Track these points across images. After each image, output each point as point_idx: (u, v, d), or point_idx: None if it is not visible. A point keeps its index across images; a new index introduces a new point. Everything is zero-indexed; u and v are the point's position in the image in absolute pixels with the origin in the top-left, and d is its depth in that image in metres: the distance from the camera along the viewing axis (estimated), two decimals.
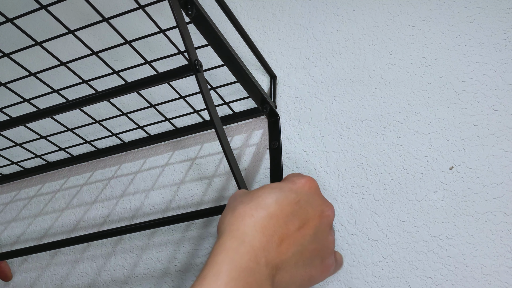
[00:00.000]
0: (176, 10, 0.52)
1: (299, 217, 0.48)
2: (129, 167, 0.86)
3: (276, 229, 0.46)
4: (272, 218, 0.46)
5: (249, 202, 0.47)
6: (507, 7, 0.67)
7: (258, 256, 0.43)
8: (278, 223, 0.46)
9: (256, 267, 0.43)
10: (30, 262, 0.88)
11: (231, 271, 0.41)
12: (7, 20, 0.59)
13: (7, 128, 0.62)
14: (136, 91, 0.60)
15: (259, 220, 0.45)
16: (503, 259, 0.58)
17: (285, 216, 0.47)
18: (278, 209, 0.47)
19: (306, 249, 0.48)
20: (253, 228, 0.45)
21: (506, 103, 0.63)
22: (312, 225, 0.49)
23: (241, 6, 0.85)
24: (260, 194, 0.48)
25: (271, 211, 0.46)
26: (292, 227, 0.47)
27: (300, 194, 0.49)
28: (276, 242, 0.46)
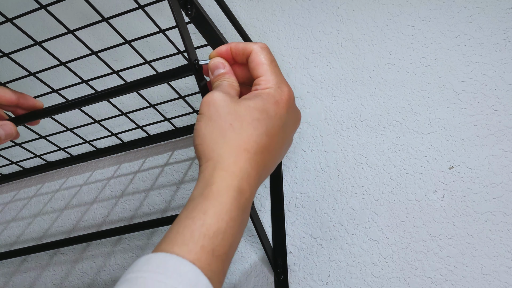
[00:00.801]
0: (176, 10, 0.52)
1: (281, 140, 0.50)
2: (128, 167, 0.86)
3: (265, 162, 0.47)
4: (263, 152, 0.47)
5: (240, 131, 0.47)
6: (507, 7, 0.67)
7: (252, 193, 0.46)
8: (267, 155, 0.48)
9: (248, 204, 0.45)
10: (29, 262, 0.88)
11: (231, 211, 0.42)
12: (6, 20, 0.59)
13: None
14: (135, 91, 0.60)
15: (253, 156, 0.46)
16: (503, 259, 0.58)
17: (272, 146, 0.48)
18: (268, 141, 0.48)
19: (279, 159, 0.52)
20: (249, 166, 0.45)
21: (506, 103, 0.63)
22: (287, 139, 0.52)
23: (241, 6, 0.85)
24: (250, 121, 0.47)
25: (262, 144, 0.47)
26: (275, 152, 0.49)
27: (283, 117, 0.50)
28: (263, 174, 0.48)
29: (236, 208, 0.43)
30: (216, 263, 0.40)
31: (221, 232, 0.41)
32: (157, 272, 0.37)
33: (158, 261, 0.38)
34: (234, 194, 0.43)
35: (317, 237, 0.67)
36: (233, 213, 0.43)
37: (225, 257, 0.41)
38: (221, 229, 0.41)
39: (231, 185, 0.43)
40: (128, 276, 0.38)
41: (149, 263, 0.38)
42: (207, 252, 0.40)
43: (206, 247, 0.40)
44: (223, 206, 0.42)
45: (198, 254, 0.40)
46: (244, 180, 0.44)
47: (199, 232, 0.41)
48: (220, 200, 0.42)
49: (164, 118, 0.78)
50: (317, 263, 0.66)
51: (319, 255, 0.67)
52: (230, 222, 0.42)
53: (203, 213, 0.42)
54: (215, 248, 0.41)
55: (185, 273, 0.38)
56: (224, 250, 0.41)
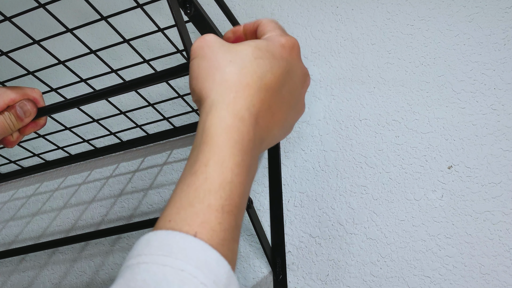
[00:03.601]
0: (175, 8, 0.52)
1: (288, 87, 0.45)
2: (127, 166, 0.86)
3: (271, 103, 0.43)
4: (267, 90, 0.42)
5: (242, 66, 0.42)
6: (506, 6, 0.67)
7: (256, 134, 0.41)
8: (272, 95, 0.43)
9: (252, 147, 0.40)
10: (28, 261, 0.88)
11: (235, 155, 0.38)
12: (5, 18, 0.59)
13: None
14: (134, 90, 0.60)
15: (256, 92, 0.41)
16: (502, 258, 0.58)
17: (278, 88, 0.44)
18: (273, 80, 0.43)
19: (287, 121, 0.47)
20: (250, 103, 0.41)
21: (505, 103, 0.63)
22: (296, 92, 0.47)
23: (240, 5, 0.85)
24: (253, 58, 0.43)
25: (266, 81, 0.42)
26: (281, 99, 0.44)
27: (290, 62, 0.46)
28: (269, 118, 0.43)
29: (239, 151, 0.38)
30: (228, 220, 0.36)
31: (227, 183, 0.37)
32: (160, 255, 0.33)
33: (159, 241, 0.34)
34: (235, 136, 0.38)
35: (316, 236, 0.67)
36: (237, 157, 0.38)
37: (237, 210, 0.37)
38: (227, 179, 0.37)
39: (231, 126, 0.39)
40: (129, 263, 0.34)
41: (150, 245, 0.34)
42: (216, 210, 0.36)
43: (214, 204, 0.36)
44: (224, 151, 0.38)
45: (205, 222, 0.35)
46: (246, 119, 0.40)
47: (203, 188, 0.36)
48: (220, 146, 0.38)
49: (163, 117, 0.78)
50: (316, 262, 0.66)
51: (318, 255, 0.67)
52: (235, 169, 0.37)
53: (204, 165, 0.37)
54: (224, 203, 0.36)
55: (192, 252, 0.33)
56: (234, 203, 0.37)
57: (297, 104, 0.48)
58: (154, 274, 0.32)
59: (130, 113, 0.85)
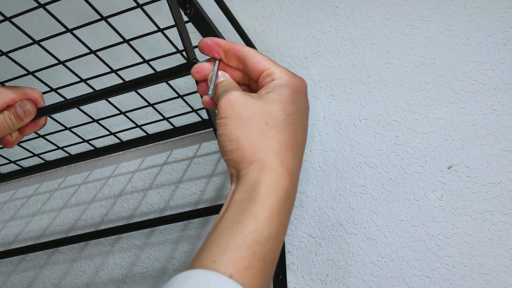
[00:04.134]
0: (175, 9, 0.52)
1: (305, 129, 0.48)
2: (127, 166, 0.86)
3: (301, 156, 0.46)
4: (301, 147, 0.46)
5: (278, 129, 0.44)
6: (506, 7, 0.67)
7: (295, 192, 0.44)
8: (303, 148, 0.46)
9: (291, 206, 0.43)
10: (28, 261, 0.88)
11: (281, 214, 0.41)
12: (5, 18, 0.59)
13: None
14: (134, 90, 0.60)
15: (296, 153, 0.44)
16: (501, 258, 0.58)
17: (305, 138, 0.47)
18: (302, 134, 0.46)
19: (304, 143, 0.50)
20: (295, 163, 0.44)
21: (505, 103, 0.63)
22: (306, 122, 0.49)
23: (240, 5, 0.85)
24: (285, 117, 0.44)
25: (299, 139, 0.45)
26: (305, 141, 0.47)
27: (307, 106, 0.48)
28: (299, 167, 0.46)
29: (284, 211, 0.41)
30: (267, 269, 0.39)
31: (272, 238, 0.39)
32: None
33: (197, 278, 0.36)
34: (283, 196, 0.41)
35: (316, 237, 0.67)
36: (282, 217, 0.41)
37: (274, 262, 0.40)
38: (272, 234, 0.40)
39: (279, 187, 0.41)
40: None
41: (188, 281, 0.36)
42: (259, 259, 0.38)
43: (259, 254, 0.38)
44: (273, 210, 0.40)
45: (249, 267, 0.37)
46: (291, 180, 0.42)
47: (251, 237, 0.38)
48: (270, 204, 0.40)
49: (162, 117, 0.78)
50: (315, 262, 0.66)
51: (318, 255, 0.67)
52: (280, 226, 0.40)
53: (254, 217, 0.39)
54: (267, 254, 0.39)
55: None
56: (274, 256, 0.40)
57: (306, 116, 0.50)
58: None
59: (130, 113, 0.85)
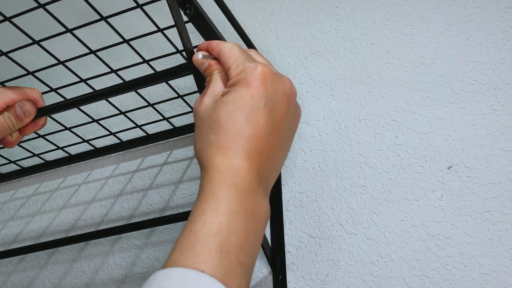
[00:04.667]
0: (174, 9, 0.52)
1: (272, 120, 0.47)
2: (127, 166, 0.86)
3: (259, 148, 0.46)
4: (249, 141, 0.45)
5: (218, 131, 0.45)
6: (506, 7, 0.67)
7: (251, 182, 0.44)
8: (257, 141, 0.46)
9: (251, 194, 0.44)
10: (27, 261, 0.88)
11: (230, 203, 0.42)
12: (5, 18, 0.59)
13: None
14: (134, 90, 0.60)
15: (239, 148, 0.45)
16: (501, 258, 0.58)
17: (262, 130, 0.46)
18: (252, 129, 0.45)
19: (285, 141, 0.49)
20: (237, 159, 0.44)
21: (505, 103, 0.63)
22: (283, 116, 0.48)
23: (240, 5, 0.85)
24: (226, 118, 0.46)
25: (247, 134, 0.45)
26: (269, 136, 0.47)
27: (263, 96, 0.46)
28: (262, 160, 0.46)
29: (234, 199, 0.42)
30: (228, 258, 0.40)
31: (224, 227, 0.41)
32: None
33: (178, 276, 0.38)
34: (228, 189, 0.43)
35: (316, 237, 0.68)
36: (232, 205, 0.42)
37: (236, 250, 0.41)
38: (223, 224, 0.41)
39: (222, 182, 0.43)
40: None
41: (169, 279, 0.38)
42: (214, 251, 0.40)
43: (212, 246, 0.40)
44: (219, 202, 0.42)
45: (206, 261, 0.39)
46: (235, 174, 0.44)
47: (202, 232, 0.40)
48: (214, 198, 0.42)
49: (162, 117, 0.78)
50: (315, 262, 0.66)
51: (318, 255, 0.67)
52: (231, 215, 0.42)
53: (202, 213, 0.42)
54: (222, 245, 0.40)
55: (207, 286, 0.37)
56: (234, 244, 0.41)
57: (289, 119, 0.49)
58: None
59: (130, 113, 0.85)
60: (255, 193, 0.44)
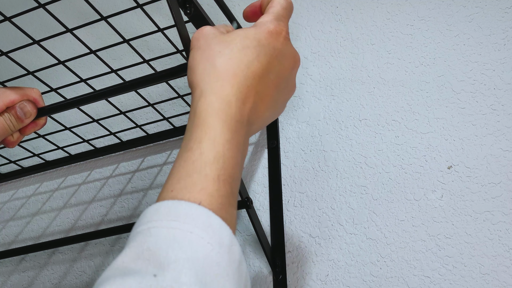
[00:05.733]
0: (174, 8, 0.52)
1: (275, 73, 0.48)
2: (127, 166, 0.86)
3: (257, 90, 0.46)
4: (254, 78, 0.46)
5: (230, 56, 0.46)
6: (506, 7, 0.67)
7: (243, 116, 0.44)
8: (259, 82, 0.46)
9: (241, 127, 0.44)
10: (28, 261, 0.88)
11: (225, 133, 0.42)
12: (5, 18, 0.59)
13: None
14: (134, 90, 0.60)
15: (243, 80, 0.45)
16: (501, 258, 0.58)
17: (265, 74, 0.47)
18: (259, 67, 0.46)
19: (277, 102, 0.50)
20: (237, 89, 0.44)
21: (505, 103, 0.63)
22: (285, 76, 0.49)
23: (240, 5, 0.85)
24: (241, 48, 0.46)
25: (253, 69, 0.46)
26: (269, 84, 0.48)
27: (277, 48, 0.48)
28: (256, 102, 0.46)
29: (228, 130, 0.42)
30: (224, 187, 0.40)
31: (220, 156, 0.41)
32: (169, 220, 0.37)
33: (167, 209, 0.38)
34: (223, 117, 0.43)
35: (316, 237, 0.67)
36: (226, 135, 0.42)
37: (231, 179, 0.41)
38: (220, 153, 0.41)
39: (219, 109, 0.43)
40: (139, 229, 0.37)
41: (158, 213, 0.37)
42: (212, 179, 0.40)
43: (210, 174, 0.40)
44: (215, 130, 0.42)
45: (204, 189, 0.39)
46: (232, 103, 0.44)
47: (200, 161, 0.40)
48: (210, 126, 0.42)
49: (162, 117, 0.78)
50: (315, 262, 0.66)
51: (318, 255, 0.67)
52: (226, 144, 0.42)
53: (199, 141, 0.41)
54: (220, 173, 0.40)
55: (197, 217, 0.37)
56: (228, 173, 0.41)
57: (287, 85, 0.51)
58: (165, 236, 0.35)
59: (130, 113, 0.85)
60: (243, 128, 0.45)
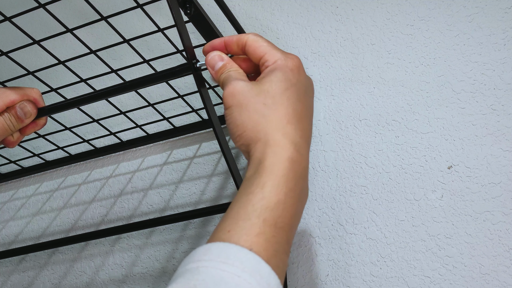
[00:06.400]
0: (175, 8, 0.52)
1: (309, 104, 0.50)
2: (127, 166, 0.86)
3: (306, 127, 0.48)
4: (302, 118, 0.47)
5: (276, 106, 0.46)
6: (506, 7, 0.67)
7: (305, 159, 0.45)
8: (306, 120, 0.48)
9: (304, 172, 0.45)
10: (28, 261, 0.88)
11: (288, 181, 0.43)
12: (5, 18, 0.59)
13: None
14: (134, 90, 0.60)
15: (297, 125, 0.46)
16: (502, 258, 0.58)
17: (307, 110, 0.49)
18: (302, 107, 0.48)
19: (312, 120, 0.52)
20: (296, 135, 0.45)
21: (505, 103, 0.63)
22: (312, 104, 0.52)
23: (240, 5, 0.85)
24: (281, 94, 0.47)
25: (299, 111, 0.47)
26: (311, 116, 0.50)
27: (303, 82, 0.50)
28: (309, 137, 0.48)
29: (293, 177, 0.43)
30: (280, 234, 0.40)
31: (281, 203, 0.41)
32: (219, 261, 0.37)
33: (218, 250, 0.38)
34: (288, 165, 0.43)
35: (316, 236, 0.68)
36: (290, 183, 0.42)
37: (288, 228, 0.41)
38: (281, 200, 0.41)
39: (284, 157, 0.43)
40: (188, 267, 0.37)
41: (209, 253, 0.38)
42: (270, 225, 0.40)
43: (269, 220, 0.40)
44: (280, 178, 0.42)
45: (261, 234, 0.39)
46: (295, 150, 0.44)
47: (260, 205, 0.41)
48: (275, 173, 0.42)
49: (162, 117, 0.78)
50: (315, 262, 0.66)
51: (318, 254, 0.67)
52: (289, 192, 0.42)
53: (261, 187, 0.42)
54: (278, 220, 0.40)
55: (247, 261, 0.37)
56: (286, 221, 0.41)
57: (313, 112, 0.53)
58: (213, 276, 0.36)
59: (130, 113, 0.85)
60: (306, 173, 0.45)
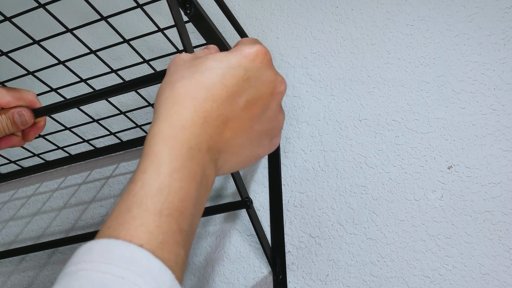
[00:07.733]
0: (175, 9, 0.52)
1: (246, 96, 0.43)
2: (127, 166, 0.86)
3: (220, 113, 0.42)
4: (215, 100, 0.41)
5: (190, 79, 0.42)
6: (506, 7, 0.67)
7: (200, 142, 0.40)
8: (222, 105, 0.42)
9: (197, 154, 0.40)
10: (28, 261, 0.88)
11: (172, 161, 0.38)
12: (5, 18, 0.59)
13: None
14: (134, 90, 0.60)
15: (201, 103, 0.41)
16: (501, 258, 0.58)
17: (230, 97, 0.42)
18: (223, 90, 0.42)
19: (253, 130, 0.45)
20: (194, 113, 0.40)
21: (505, 103, 0.63)
22: (261, 104, 0.45)
23: (240, 5, 0.85)
24: (204, 70, 0.42)
25: (214, 92, 0.42)
26: (238, 108, 0.43)
27: (250, 70, 0.44)
28: (219, 126, 0.42)
29: (177, 158, 0.38)
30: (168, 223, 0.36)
31: (165, 187, 0.36)
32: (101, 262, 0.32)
33: (101, 249, 0.33)
34: (172, 143, 0.39)
35: (316, 237, 0.67)
36: (174, 164, 0.38)
37: (177, 214, 0.36)
38: (164, 183, 0.37)
39: (168, 135, 0.39)
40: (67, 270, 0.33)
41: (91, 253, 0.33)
42: (153, 214, 0.35)
43: (151, 209, 0.35)
44: (161, 159, 0.38)
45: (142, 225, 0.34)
46: (186, 128, 0.40)
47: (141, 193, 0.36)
48: (157, 154, 0.38)
49: None
50: (315, 262, 0.66)
51: (318, 255, 0.67)
52: (173, 174, 0.37)
53: (143, 172, 0.37)
54: (162, 207, 0.36)
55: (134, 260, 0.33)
56: (174, 207, 0.36)
57: (264, 112, 0.46)
58: (92, 281, 0.31)
59: (130, 113, 0.85)
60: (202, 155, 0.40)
